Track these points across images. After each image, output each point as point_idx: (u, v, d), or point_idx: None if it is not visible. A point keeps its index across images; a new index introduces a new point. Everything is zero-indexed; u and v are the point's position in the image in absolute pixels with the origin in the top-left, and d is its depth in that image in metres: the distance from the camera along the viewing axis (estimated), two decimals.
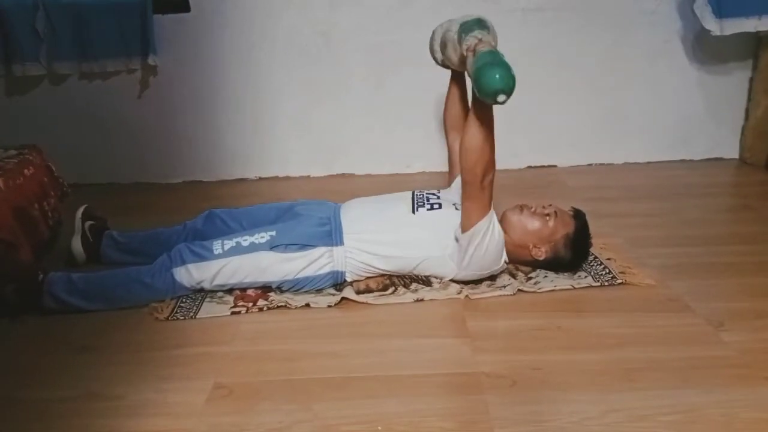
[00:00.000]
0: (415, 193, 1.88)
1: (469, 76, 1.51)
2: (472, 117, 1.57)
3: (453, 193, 1.87)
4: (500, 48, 1.54)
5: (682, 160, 2.95)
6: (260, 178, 2.94)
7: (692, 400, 1.28)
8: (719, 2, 2.50)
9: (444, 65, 1.93)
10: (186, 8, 2.66)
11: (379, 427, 1.23)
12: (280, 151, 2.91)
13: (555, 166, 2.96)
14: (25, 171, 2.02)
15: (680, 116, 2.88)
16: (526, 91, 2.85)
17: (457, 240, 1.70)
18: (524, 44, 2.73)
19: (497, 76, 1.40)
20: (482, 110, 1.56)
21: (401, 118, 2.82)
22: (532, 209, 1.79)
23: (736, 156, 2.94)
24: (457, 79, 1.98)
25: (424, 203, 1.82)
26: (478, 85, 1.44)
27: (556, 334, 1.54)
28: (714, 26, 2.53)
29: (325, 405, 1.30)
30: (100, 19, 2.60)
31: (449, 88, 2.02)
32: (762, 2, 2.49)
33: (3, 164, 1.97)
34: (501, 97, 1.40)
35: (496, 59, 1.44)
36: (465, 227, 1.67)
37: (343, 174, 2.94)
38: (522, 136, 2.81)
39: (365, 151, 2.91)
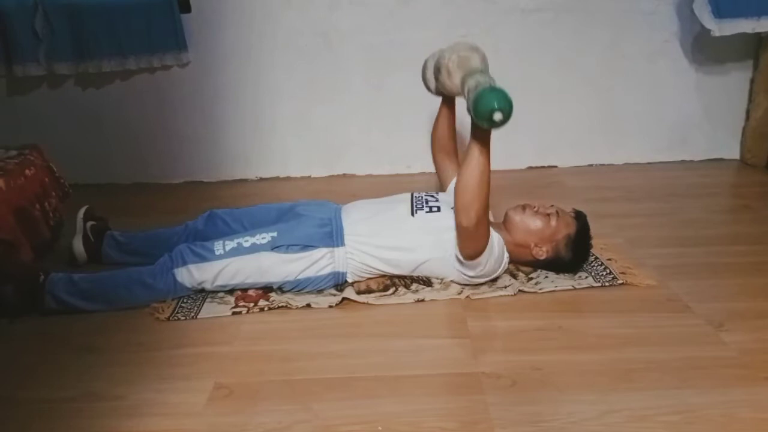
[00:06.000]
0: (414, 195, 1.89)
1: (468, 108, 1.50)
2: (469, 156, 1.56)
3: (451, 196, 1.87)
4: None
5: (682, 161, 2.95)
6: (261, 179, 2.94)
7: (692, 401, 1.28)
8: (718, 3, 2.50)
9: (438, 92, 1.95)
10: (186, 9, 2.66)
11: (380, 427, 1.23)
12: (281, 152, 2.92)
13: (555, 166, 2.96)
14: (26, 171, 2.02)
15: (680, 117, 2.88)
16: (526, 92, 2.87)
17: (459, 260, 1.70)
18: (524, 45, 2.74)
19: (494, 97, 1.41)
20: (480, 150, 1.54)
21: (401, 119, 2.82)
22: (535, 209, 1.80)
23: (737, 157, 2.94)
24: (448, 103, 1.99)
25: (422, 206, 1.82)
26: (474, 107, 1.45)
27: (556, 335, 1.55)
28: (713, 26, 2.53)
29: (326, 405, 1.30)
30: (109, 17, 2.61)
31: (439, 111, 2.03)
32: (761, 3, 2.49)
33: (4, 164, 1.97)
34: (497, 115, 1.41)
35: (495, 87, 1.47)
36: (467, 257, 1.67)
37: (344, 174, 2.94)
38: (522, 137, 2.81)
39: (366, 152, 2.91)
